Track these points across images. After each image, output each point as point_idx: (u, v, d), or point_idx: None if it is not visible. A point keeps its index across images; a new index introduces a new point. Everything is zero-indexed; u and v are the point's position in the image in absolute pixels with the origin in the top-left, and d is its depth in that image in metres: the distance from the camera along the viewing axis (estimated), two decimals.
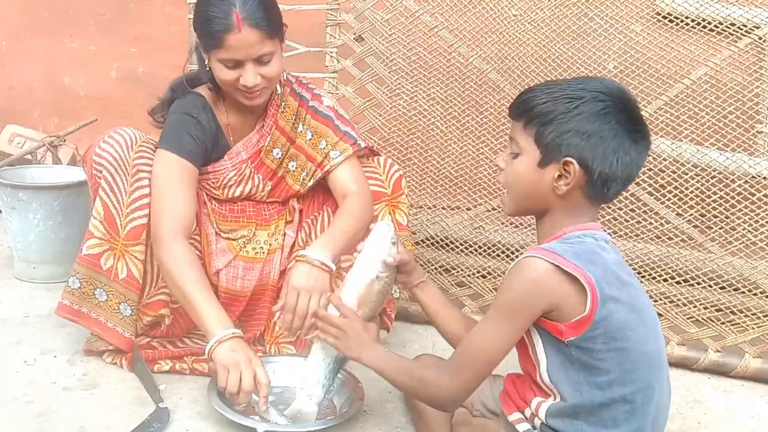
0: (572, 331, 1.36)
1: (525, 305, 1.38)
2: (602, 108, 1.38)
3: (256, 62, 1.91)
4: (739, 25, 2.28)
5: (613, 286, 1.38)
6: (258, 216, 2.18)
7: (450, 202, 2.59)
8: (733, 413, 2.07)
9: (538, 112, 1.42)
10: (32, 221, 2.55)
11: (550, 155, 1.41)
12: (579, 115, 1.38)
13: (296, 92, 2.15)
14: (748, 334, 2.25)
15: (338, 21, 2.56)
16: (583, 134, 1.38)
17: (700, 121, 2.27)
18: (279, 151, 2.14)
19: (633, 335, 1.39)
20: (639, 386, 1.40)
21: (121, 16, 3.38)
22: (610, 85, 1.43)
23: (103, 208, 1.98)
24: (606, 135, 1.38)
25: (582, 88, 1.41)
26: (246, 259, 2.14)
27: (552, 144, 1.40)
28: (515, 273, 1.39)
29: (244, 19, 1.85)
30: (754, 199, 2.23)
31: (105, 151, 1.99)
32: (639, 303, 1.44)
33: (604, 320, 1.35)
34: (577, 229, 1.43)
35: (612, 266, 1.40)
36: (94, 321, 2.03)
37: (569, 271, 1.34)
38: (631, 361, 1.39)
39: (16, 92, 3.56)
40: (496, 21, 2.42)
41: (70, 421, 1.80)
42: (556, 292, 1.36)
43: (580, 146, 1.38)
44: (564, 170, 1.40)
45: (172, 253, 1.89)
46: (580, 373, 1.39)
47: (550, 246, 1.40)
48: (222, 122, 2.09)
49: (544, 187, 1.43)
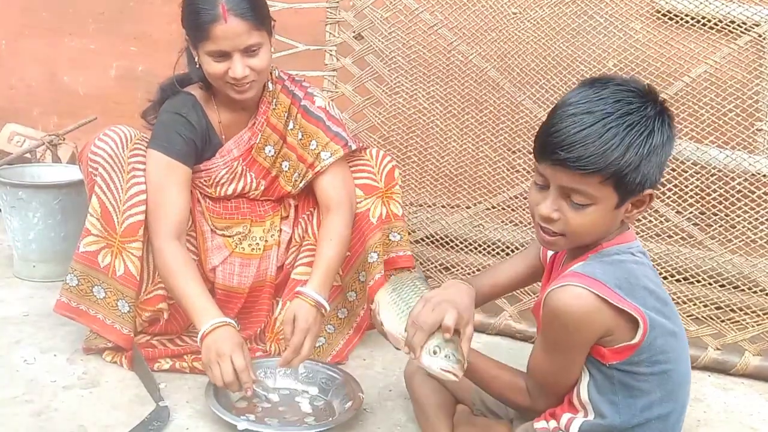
0: (615, 356, 1.35)
1: (577, 341, 1.35)
2: (662, 125, 1.33)
3: (243, 54, 1.93)
4: (738, 23, 2.27)
5: (656, 311, 1.36)
6: (253, 212, 2.19)
7: (449, 200, 2.59)
8: (733, 411, 2.07)
9: (620, 166, 1.30)
10: (32, 220, 2.55)
11: (628, 195, 1.34)
12: (646, 158, 1.31)
13: (288, 89, 2.15)
14: (747, 331, 2.25)
15: (338, 19, 2.56)
16: (653, 168, 1.33)
17: (700, 119, 2.26)
18: (271, 148, 2.14)
19: (673, 356, 1.38)
20: (675, 406, 1.40)
21: (120, 15, 3.38)
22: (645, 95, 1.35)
23: (100, 205, 1.99)
24: (668, 149, 1.35)
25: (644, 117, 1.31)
26: (242, 256, 2.14)
27: (632, 187, 1.33)
28: (559, 308, 1.33)
29: (229, 9, 1.88)
30: (753, 197, 2.23)
31: (100, 148, 2.00)
32: (676, 320, 1.42)
33: (650, 345, 1.34)
34: (614, 243, 1.39)
35: (651, 285, 1.38)
36: (92, 318, 2.03)
37: (616, 305, 1.31)
38: (672, 382, 1.39)
39: (16, 91, 3.56)
40: (496, 19, 2.42)
41: (70, 419, 1.80)
42: (606, 324, 1.33)
43: (654, 176, 1.34)
44: (642, 200, 1.36)
45: (163, 253, 1.94)
46: (620, 394, 1.38)
47: (588, 270, 1.34)
48: (214, 120, 2.10)
49: (612, 221, 1.37)
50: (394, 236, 2.19)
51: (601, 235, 1.39)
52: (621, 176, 1.30)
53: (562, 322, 1.33)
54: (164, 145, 2.00)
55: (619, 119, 1.30)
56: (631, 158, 1.29)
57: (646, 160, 1.31)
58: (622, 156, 1.29)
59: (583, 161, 1.29)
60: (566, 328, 1.33)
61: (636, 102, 1.32)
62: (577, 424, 1.42)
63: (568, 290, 1.32)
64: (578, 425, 1.41)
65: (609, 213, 1.35)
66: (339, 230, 2.04)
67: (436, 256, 2.56)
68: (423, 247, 2.57)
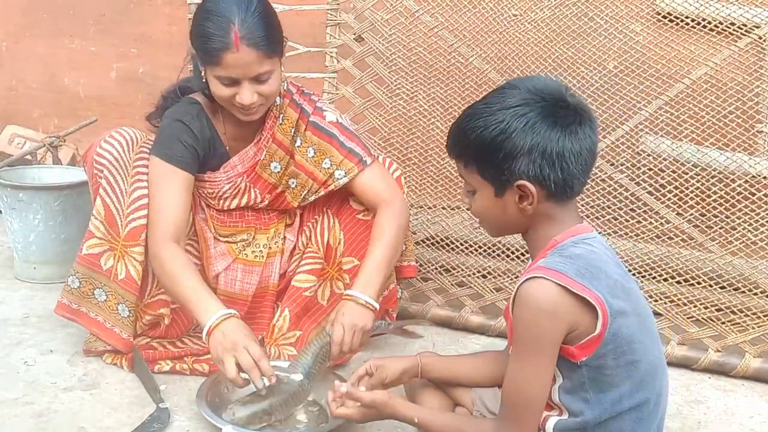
0: (583, 352, 1.35)
1: (548, 335, 1.34)
2: (526, 122, 1.35)
3: (253, 80, 1.88)
4: (739, 25, 2.28)
5: (619, 298, 1.36)
6: (257, 220, 2.17)
7: (450, 202, 2.59)
8: (734, 413, 2.07)
9: (470, 151, 1.41)
10: (32, 222, 2.55)
11: (501, 185, 1.40)
12: (508, 139, 1.36)
13: (296, 103, 2.10)
14: (748, 333, 2.25)
15: (338, 21, 2.56)
16: (521, 155, 1.36)
17: (700, 121, 2.27)
18: (277, 164, 2.10)
19: (639, 346, 1.38)
20: (648, 396, 1.40)
21: (121, 17, 3.38)
22: (524, 91, 1.39)
23: (104, 208, 1.98)
24: (542, 146, 1.35)
25: (499, 108, 1.38)
26: (245, 263, 2.14)
27: (497, 175, 1.39)
28: (526, 303, 1.35)
29: (242, 38, 1.81)
30: (754, 199, 2.23)
31: (106, 150, 1.99)
32: (641, 309, 1.43)
33: (614, 336, 1.34)
34: (568, 235, 1.41)
35: (613, 275, 1.39)
36: (92, 321, 2.03)
37: (578, 293, 1.32)
38: (640, 372, 1.39)
39: (16, 93, 3.56)
40: (496, 21, 2.42)
41: (70, 421, 1.80)
42: (572, 314, 1.33)
43: (524, 166, 1.36)
44: (521, 192, 1.39)
45: (160, 256, 1.91)
46: (591, 391, 1.38)
47: (550, 263, 1.36)
48: (219, 130, 2.07)
49: (511, 211, 1.42)
50: None
51: (506, 223, 1.45)
52: (476, 163, 1.41)
53: (531, 314, 1.35)
54: (165, 152, 1.97)
55: (483, 112, 1.40)
56: (477, 145, 1.39)
57: (497, 150, 1.37)
58: (471, 142, 1.40)
59: (449, 149, 1.48)
60: (536, 320, 1.34)
61: (520, 108, 1.37)
62: (552, 422, 1.43)
63: (532, 282, 1.35)
64: (553, 424, 1.43)
65: (494, 201, 1.42)
66: (389, 228, 1.99)
67: (436, 257, 2.56)
68: (423, 248, 2.57)
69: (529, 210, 1.40)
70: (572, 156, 1.37)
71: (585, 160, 1.39)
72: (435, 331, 2.44)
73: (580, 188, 1.43)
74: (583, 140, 1.38)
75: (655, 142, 2.35)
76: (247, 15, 1.83)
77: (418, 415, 1.55)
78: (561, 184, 1.38)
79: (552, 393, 1.42)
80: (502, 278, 2.49)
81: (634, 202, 2.35)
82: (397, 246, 2.02)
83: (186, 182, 2.00)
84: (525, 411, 1.41)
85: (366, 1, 2.52)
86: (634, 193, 2.34)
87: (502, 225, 1.48)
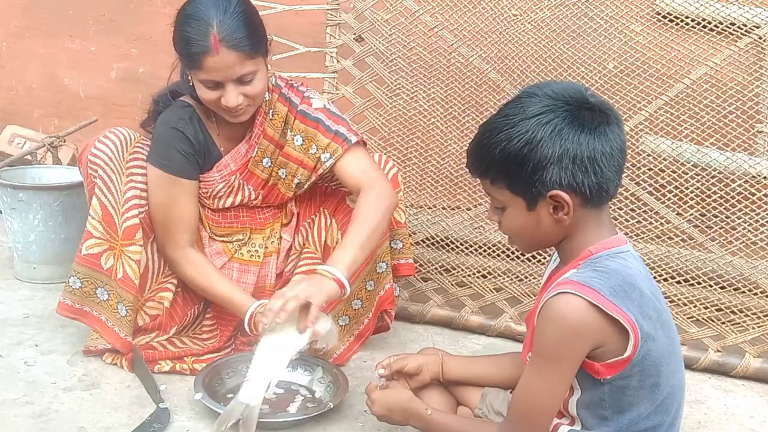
0: (609, 371, 1.33)
1: (570, 351, 1.32)
2: (553, 129, 1.30)
3: (237, 82, 1.86)
4: (739, 25, 2.28)
5: (650, 319, 1.33)
6: (252, 220, 2.17)
7: (450, 202, 2.59)
8: (734, 413, 2.07)
9: (496, 167, 1.36)
10: (32, 222, 2.55)
11: (533, 198, 1.35)
12: (536, 149, 1.31)
13: (285, 97, 2.08)
14: (748, 333, 2.25)
15: (338, 21, 2.56)
16: (550, 164, 1.31)
17: (700, 121, 2.27)
18: (269, 160, 2.09)
19: (666, 369, 1.36)
20: (664, 419, 1.39)
21: (121, 17, 3.38)
22: (544, 98, 1.34)
23: (101, 207, 1.98)
24: (573, 149, 1.30)
25: (521, 119, 1.33)
26: (241, 262, 2.14)
27: (528, 188, 1.34)
28: (554, 316, 1.31)
29: (221, 40, 1.79)
30: (754, 199, 2.23)
31: (100, 150, 1.99)
32: (671, 331, 1.40)
33: (642, 359, 1.33)
34: (603, 248, 1.37)
35: (647, 293, 1.35)
36: (95, 319, 2.04)
37: (611, 314, 1.29)
38: (662, 395, 1.37)
39: (16, 93, 3.56)
40: (496, 21, 2.42)
41: (70, 421, 1.80)
42: (599, 334, 1.30)
43: (557, 175, 1.31)
44: (556, 203, 1.34)
45: (183, 263, 2.02)
46: (610, 409, 1.37)
47: (583, 278, 1.32)
48: (213, 132, 2.06)
49: (546, 224, 1.37)
50: (396, 244, 2.17)
51: (542, 237, 1.41)
52: (504, 179, 1.36)
53: (557, 330, 1.31)
54: (165, 163, 1.98)
55: (504, 124, 1.35)
56: (504, 160, 1.34)
57: (525, 162, 1.32)
58: (496, 158, 1.35)
59: (472, 169, 1.42)
60: (560, 336, 1.31)
61: (543, 116, 1.32)
62: (564, 431, 1.42)
63: (563, 298, 1.31)
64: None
65: (527, 215, 1.37)
66: (367, 206, 1.92)
67: (436, 257, 2.56)
68: (424, 248, 2.57)
69: (566, 220, 1.35)
70: (604, 158, 1.32)
71: (617, 161, 1.34)
72: (435, 331, 2.44)
73: (615, 191, 1.38)
74: (613, 140, 1.33)
75: (655, 142, 2.35)
76: (226, 16, 1.81)
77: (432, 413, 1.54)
78: (596, 188, 1.33)
79: (568, 404, 1.40)
80: (502, 278, 2.49)
81: (634, 202, 2.35)
82: (379, 225, 1.93)
83: (191, 188, 2.03)
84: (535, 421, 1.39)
85: (366, 1, 2.52)
86: (634, 193, 2.34)
87: (537, 239, 1.42)
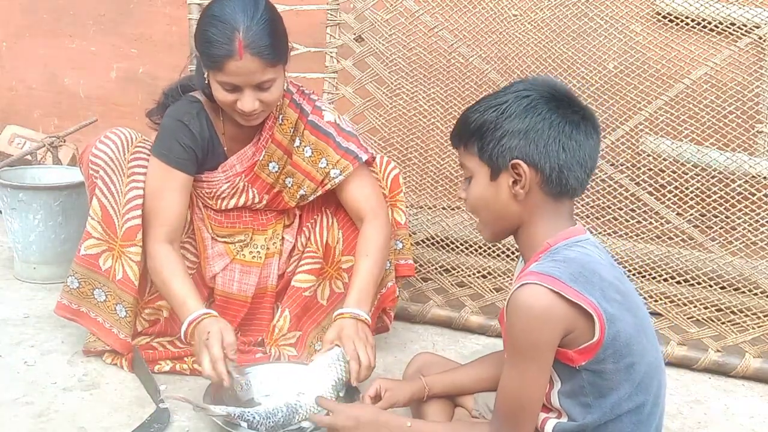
0: (583, 357, 1.35)
1: (542, 341, 1.33)
2: (528, 103, 1.38)
3: (255, 88, 1.86)
4: (739, 25, 2.28)
5: (614, 302, 1.35)
6: (255, 221, 2.17)
7: (450, 202, 2.59)
8: (734, 413, 2.07)
9: (471, 129, 1.43)
10: (32, 222, 2.55)
11: (497, 165, 1.41)
12: (508, 118, 1.39)
13: (296, 103, 2.09)
14: (748, 333, 2.25)
15: (338, 21, 2.56)
16: (519, 133, 1.38)
17: (700, 121, 2.27)
18: (276, 165, 2.09)
19: (638, 348, 1.38)
20: (646, 398, 1.40)
21: (121, 17, 3.38)
22: (534, 80, 1.44)
23: (101, 208, 1.98)
24: (541, 127, 1.37)
25: (504, 92, 1.42)
26: (242, 263, 2.14)
27: (494, 154, 1.40)
28: (519, 309, 1.34)
29: (246, 46, 1.79)
30: (754, 199, 2.23)
31: (101, 151, 1.99)
32: (638, 310, 1.42)
33: (613, 340, 1.34)
34: (561, 239, 1.40)
35: (609, 278, 1.38)
36: (92, 321, 2.03)
37: (572, 299, 1.31)
38: (639, 375, 1.38)
39: (16, 93, 3.56)
40: (496, 21, 2.42)
41: (70, 421, 1.80)
42: (566, 319, 1.32)
43: (521, 146, 1.38)
44: (515, 174, 1.39)
45: (153, 257, 1.95)
46: (591, 396, 1.38)
47: (543, 268, 1.35)
48: (219, 130, 2.06)
49: (504, 198, 1.42)
50: (396, 244, 2.17)
51: (498, 213, 1.45)
52: (476, 142, 1.43)
53: (525, 320, 1.33)
54: (164, 153, 1.98)
55: (491, 97, 1.44)
56: (478, 123, 1.42)
57: (497, 128, 1.39)
58: (472, 121, 1.43)
59: (452, 136, 1.50)
60: (529, 326, 1.33)
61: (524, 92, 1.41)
62: (551, 424, 1.42)
63: (526, 289, 1.33)
64: (552, 426, 1.42)
65: (488, 185, 1.43)
66: (377, 244, 1.98)
67: (436, 257, 2.56)
68: (423, 248, 2.57)
69: (521, 194, 1.40)
70: (569, 144, 1.38)
71: (583, 157, 1.39)
72: (435, 332, 2.44)
73: (576, 186, 1.42)
74: (583, 136, 1.39)
75: (655, 142, 2.35)
76: (253, 23, 1.81)
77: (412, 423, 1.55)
78: (556, 173, 1.38)
79: (551, 397, 1.41)
80: (502, 278, 2.50)
81: (635, 202, 2.35)
82: (384, 263, 2.01)
83: (184, 182, 2.00)
84: (521, 417, 1.40)
85: (366, 1, 2.52)
86: (635, 193, 2.34)
87: (494, 217, 1.46)
